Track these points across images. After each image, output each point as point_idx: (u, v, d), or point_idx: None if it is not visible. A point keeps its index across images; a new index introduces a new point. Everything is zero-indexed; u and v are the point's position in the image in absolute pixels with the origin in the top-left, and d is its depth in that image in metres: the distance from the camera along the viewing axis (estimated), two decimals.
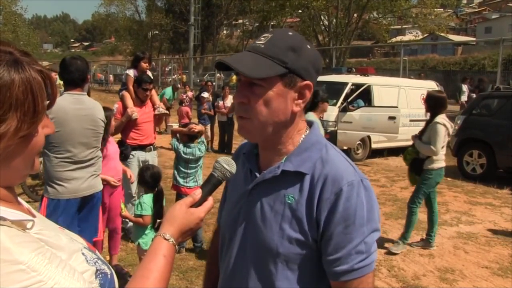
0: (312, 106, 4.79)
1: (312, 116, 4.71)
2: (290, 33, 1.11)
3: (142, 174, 3.53)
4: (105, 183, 3.58)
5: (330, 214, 1.05)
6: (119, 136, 4.69)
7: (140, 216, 3.39)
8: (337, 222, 1.05)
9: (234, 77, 19.48)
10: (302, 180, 1.09)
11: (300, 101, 1.11)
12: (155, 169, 3.54)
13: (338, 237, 1.05)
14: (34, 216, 0.84)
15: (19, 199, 0.86)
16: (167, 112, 5.04)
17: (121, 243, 4.23)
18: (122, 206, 3.74)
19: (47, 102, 0.79)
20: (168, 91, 13.05)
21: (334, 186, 1.05)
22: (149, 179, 3.46)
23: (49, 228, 0.83)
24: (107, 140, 3.71)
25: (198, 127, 4.31)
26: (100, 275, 0.81)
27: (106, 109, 3.95)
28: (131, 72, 5.05)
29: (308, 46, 1.11)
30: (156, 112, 4.85)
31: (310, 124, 1.20)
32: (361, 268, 1.06)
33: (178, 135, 4.34)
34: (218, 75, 22.70)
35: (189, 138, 4.26)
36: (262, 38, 1.10)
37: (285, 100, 1.08)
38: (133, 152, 4.61)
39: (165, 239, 0.95)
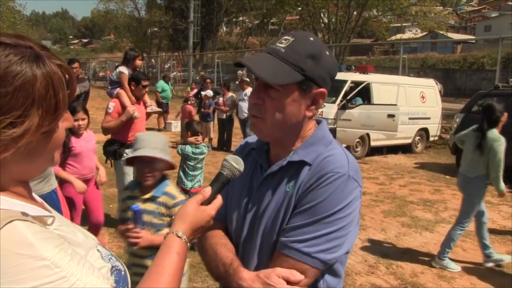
0: (494, 122, 4.28)
1: (496, 133, 4.22)
2: (311, 39, 1.12)
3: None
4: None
5: (306, 193, 1.08)
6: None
7: None
8: (307, 201, 1.07)
9: None
10: (302, 169, 1.13)
11: (313, 107, 1.14)
12: None
13: (300, 213, 1.07)
14: (50, 211, 0.85)
15: (33, 194, 0.86)
16: (160, 109, 5.04)
17: (119, 240, 4.25)
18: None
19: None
20: (160, 84, 13.12)
21: (320, 172, 1.09)
22: None
23: (66, 224, 0.84)
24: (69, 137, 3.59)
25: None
26: (115, 272, 0.83)
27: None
28: (125, 70, 5.01)
29: (327, 53, 1.12)
30: (149, 110, 4.82)
31: (319, 121, 1.23)
32: (297, 250, 1.04)
33: (181, 137, 4.42)
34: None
35: (192, 134, 4.39)
36: (284, 41, 1.11)
37: (299, 105, 1.11)
38: (126, 150, 4.55)
39: (178, 236, 0.96)
